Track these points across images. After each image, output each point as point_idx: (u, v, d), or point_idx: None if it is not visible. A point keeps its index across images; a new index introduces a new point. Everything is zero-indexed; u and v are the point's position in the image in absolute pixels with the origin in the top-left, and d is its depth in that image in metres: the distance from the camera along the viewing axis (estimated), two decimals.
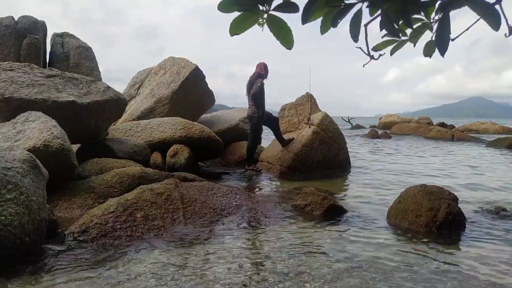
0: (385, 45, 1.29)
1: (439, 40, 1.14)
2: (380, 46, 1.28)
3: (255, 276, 2.07)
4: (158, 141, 5.93)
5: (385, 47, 1.29)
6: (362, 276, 2.08)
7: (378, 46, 1.28)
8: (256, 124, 6.29)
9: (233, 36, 1.18)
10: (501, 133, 19.20)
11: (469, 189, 4.83)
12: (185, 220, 3.00)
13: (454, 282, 2.04)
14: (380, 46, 1.28)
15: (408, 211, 3.13)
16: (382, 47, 1.29)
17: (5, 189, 2.16)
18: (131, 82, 9.33)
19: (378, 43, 1.28)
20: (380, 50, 1.28)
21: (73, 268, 2.12)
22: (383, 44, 1.29)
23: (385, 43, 1.29)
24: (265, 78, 6.34)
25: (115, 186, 3.68)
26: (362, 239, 2.74)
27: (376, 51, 1.27)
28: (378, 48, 1.27)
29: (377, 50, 1.27)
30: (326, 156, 6.27)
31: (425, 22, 1.24)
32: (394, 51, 1.31)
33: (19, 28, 11.70)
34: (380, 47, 1.28)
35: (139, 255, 2.33)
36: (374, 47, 1.26)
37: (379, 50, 1.27)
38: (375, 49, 1.26)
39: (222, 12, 1.11)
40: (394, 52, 1.31)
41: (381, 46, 1.28)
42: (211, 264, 2.21)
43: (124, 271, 2.09)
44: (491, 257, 2.44)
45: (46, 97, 4.11)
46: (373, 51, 1.24)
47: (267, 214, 3.40)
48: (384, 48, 1.29)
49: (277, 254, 2.40)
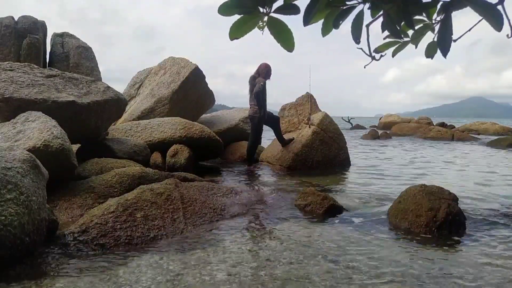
0: (387, 46, 1.29)
1: (441, 41, 1.13)
2: (382, 47, 1.28)
3: (255, 278, 2.06)
4: (158, 141, 5.93)
5: (387, 49, 1.29)
6: (362, 276, 2.08)
7: (380, 48, 1.28)
8: (257, 124, 6.29)
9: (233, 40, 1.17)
10: (501, 133, 19.18)
11: (469, 189, 4.82)
12: (185, 220, 3.00)
13: (454, 282, 2.04)
14: (382, 47, 1.28)
15: (408, 211, 3.13)
16: (384, 49, 1.28)
17: (5, 189, 2.16)
18: (131, 82, 9.33)
19: (380, 45, 1.28)
20: (382, 52, 1.27)
21: (73, 268, 2.12)
22: (384, 46, 1.28)
23: (387, 44, 1.29)
24: (268, 78, 6.34)
25: (115, 186, 3.68)
26: (362, 239, 2.74)
27: (378, 52, 1.26)
28: (379, 50, 1.27)
29: (378, 52, 1.26)
30: (326, 156, 6.27)
31: (427, 23, 1.24)
32: (396, 53, 1.31)
33: (19, 28, 11.70)
34: (382, 48, 1.28)
35: (139, 255, 2.32)
36: (376, 49, 1.26)
37: (380, 51, 1.27)
38: (377, 51, 1.26)
39: (223, 15, 1.09)
40: (396, 53, 1.31)
41: (383, 47, 1.28)
42: (210, 265, 2.21)
43: (124, 271, 2.09)
44: (491, 257, 2.44)
45: (46, 97, 4.11)
46: (374, 53, 1.23)
47: (267, 214, 3.40)
48: (386, 49, 1.28)
49: (277, 254, 2.40)
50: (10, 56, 11.18)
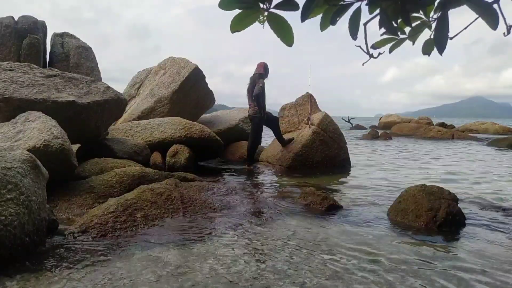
0: (384, 43, 1.30)
1: (437, 38, 1.14)
2: (379, 44, 1.29)
3: (255, 275, 2.06)
4: (158, 141, 5.93)
5: (384, 45, 1.30)
6: (361, 276, 2.08)
7: (377, 44, 1.29)
8: (257, 124, 6.29)
9: (234, 33, 1.18)
10: (501, 133, 19.19)
11: (469, 189, 4.83)
12: (185, 220, 3.00)
13: (454, 282, 2.04)
14: (379, 44, 1.29)
15: (408, 211, 3.13)
16: (381, 45, 1.29)
17: (5, 189, 2.16)
18: (131, 82, 9.33)
19: (377, 41, 1.29)
20: (379, 48, 1.28)
21: (73, 268, 2.12)
22: (382, 42, 1.29)
23: (384, 41, 1.30)
24: (266, 77, 6.35)
25: (115, 186, 3.69)
26: (362, 239, 2.74)
27: (375, 48, 1.27)
28: (377, 46, 1.28)
29: (376, 48, 1.27)
30: (326, 156, 6.27)
31: (424, 20, 1.25)
32: (393, 49, 1.32)
33: (19, 28, 11.69)
34: (379, 44, 1.29)
35: (139, 256, 2.32)
36: (373, 45, 1.27)
37: (377, 47, 1.28)
38: (374, 46, 1.27)
39: (223, 10, 1.11)
40: (393, 50, 1.32)
41: (380, 44, 1.29)
42: (211, 264, 2.21)
43: (124, 271, 2.09)
44: (492, 257, 2.44)
45: (46, 97, 4.11)
46: (372, 49, 1.24)
47: (267, 214, 3.40)
48: (383, 46, 1.30)
49: (277, 254, 2.40)
50: (10, 56, 11.17)
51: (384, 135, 15.99)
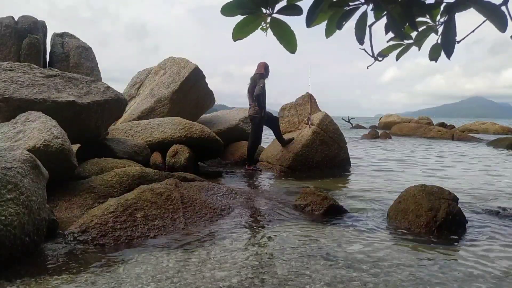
0: (391, 49, 1.27)
1: (445, 43, 1.12)
2: (386, 51, 1.27)
3: (255, 278, 2.06)
4: (158, 141, 5.93)
5: (391, 52, 1.27)
6: (361, 276, 2.08)
7: (384, 51, 1.26)
8: (258, 124, 6.29)
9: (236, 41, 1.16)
10: (501, 133, 19.19)
11: (469, 189, 4.83)
12: (185, 220, 3.00)
13: (454, 282, 2.04)
14: (386, 51, 1.27)
15: (408, 211, 3.13)
16: (388, 52, 1.27)
17: (5, 189, 2.16)
18: (131, 82, 9.33)
19: (383, 48, 1.26)
20: (386, 55, 1.26)
21: (73, 268, 2.12)
22: (388, 49, 1.27)
23: (391, 47, 1.27)
24: (266, 77, 6.35)
25: (115, 186, 3.68)
26: (362, 239, 2.74)
27: (382, 56, 1.25)
28: (383, 53, 1.26)
29: (383, 56, 1.25)
30: (326, 156, 6.27)
31: (430, 25, 1.22)
32: (400, 56, 1.29)
33: (19, 28, 11.68)
34: (385, 52, 1.26)
35: (139, 256, 2.32)
36: (380, 53, 1.24)
37: (385, 55, 1.26)
38: (381, 54, 1.25)
39: (225, 16, 1.08)
40: (399, 56, 1.28)
41: (386, 51, 1.27)
42: (210, 265, 2.21)
43: (124, 272, 2.09)
44: (491, 257, 2.44)
45: (46, 97, 4.11)
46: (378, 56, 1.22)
47: (267, 214, 3.40)
48: (390, 52, 1.27)
49: (277, 254, 2.40)
50: (10, 56, 11.16)
51: (384, 135, 15.99)
